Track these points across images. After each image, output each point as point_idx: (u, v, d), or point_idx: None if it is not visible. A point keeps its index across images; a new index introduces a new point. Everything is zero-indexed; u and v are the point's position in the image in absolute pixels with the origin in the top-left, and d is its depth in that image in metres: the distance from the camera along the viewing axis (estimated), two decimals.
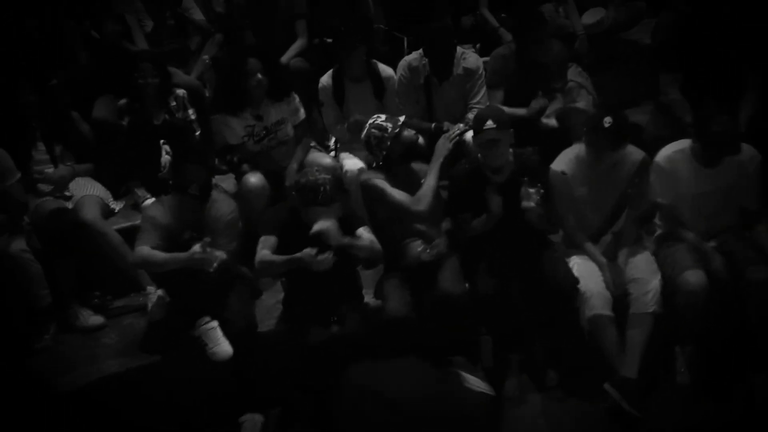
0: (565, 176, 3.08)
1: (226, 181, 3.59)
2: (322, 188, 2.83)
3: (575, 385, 3.07)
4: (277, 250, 2.92)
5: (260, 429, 2.91)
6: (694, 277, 2.89)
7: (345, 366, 2.91)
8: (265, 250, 2.92)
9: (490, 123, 2.96)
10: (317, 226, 2.80)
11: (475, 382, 0.83)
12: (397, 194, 3.09)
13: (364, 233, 2.98)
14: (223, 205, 3.11)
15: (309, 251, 2.79)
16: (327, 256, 2.80)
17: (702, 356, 3.01)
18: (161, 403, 2.89)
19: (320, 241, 2.81)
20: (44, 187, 3.36)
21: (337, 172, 3.49)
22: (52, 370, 2.89)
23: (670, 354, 3.05)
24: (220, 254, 2.89)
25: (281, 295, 3.16)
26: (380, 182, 3.11)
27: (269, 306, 3.23)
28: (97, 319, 3.24)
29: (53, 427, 2.67)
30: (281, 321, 3.08)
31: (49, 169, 3.43)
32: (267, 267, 2.91)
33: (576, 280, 2.98)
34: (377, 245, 2.99)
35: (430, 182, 3.08)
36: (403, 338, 2.97)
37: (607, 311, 2.93)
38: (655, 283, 2.95)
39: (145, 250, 2.89)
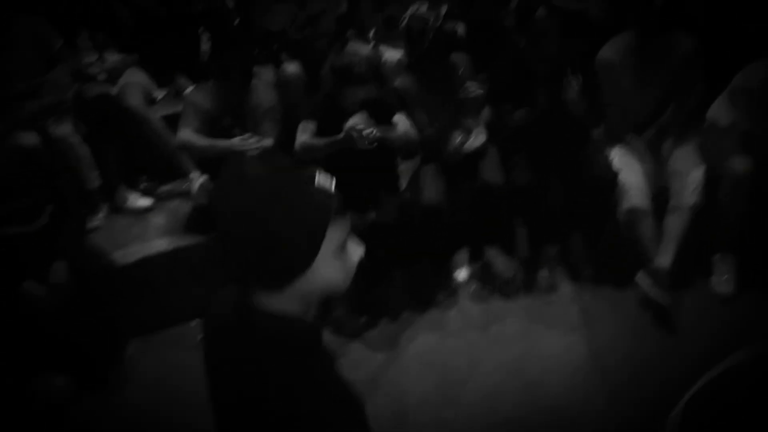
0: (613, 65, 2.98)
1: (266, 71, 3.58)
2: (356, 67, 2.82)
3: (609, 277, 3.12)
4: (316, 137, 2.95)
5: None
6: (740, 163, 2.80)
7: (382, 252, 3.00)
8: (305, 134, 2.95)
9: (540, 12, 2.87)
10: (351, 122, 2.80)
11: (322, 180, 0.91)
12: (416, 118, 3.05)
13: (401, 120, 2.97)
14: (263, 93, 3.13)
15: (354, 124, 2.76)
16: (371, 131, 2.78)
17: (743, 264, 2.96)
18: (205, 279, 3.03)
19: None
20: (99, 76, 3.43)
21: (375, 61, 3.46)
22: (106, 246, 3.03)
23: (709, 259, 3.02)
24: (266, 142, 2.93)
25: None
26: (406, 96, 3.08)
27: None
28: (145, 202, 3.37)
29: (105, 298, 2.84)
30: None
31: (93, 58, 3.49)
32: (308, 150, 2.93)
33: (615, 173, 2.95)
34: (412, 133, 2.98)
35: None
36: (437, 227, 3.02)
37: (644, 204, 2.91)
38: (697, 175, 2.89)
39: (187, 133, 2.95)
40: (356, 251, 1.17)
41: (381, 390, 2.72)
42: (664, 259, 2.83)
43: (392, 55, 3.58)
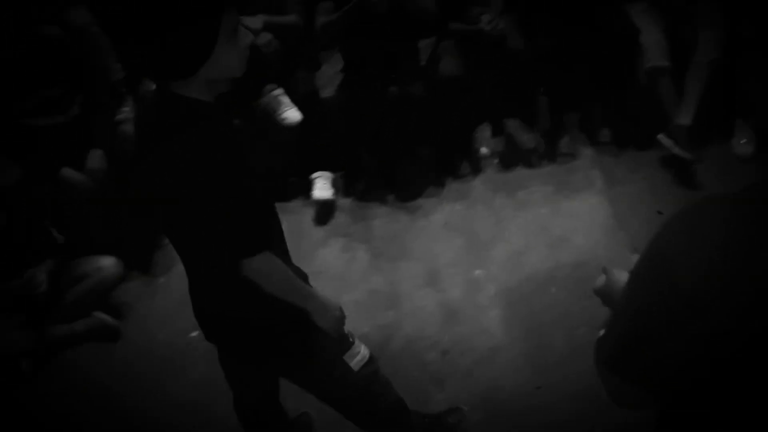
0: None
1: None
2: None
3: (630, 140, 3.16)
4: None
5: (330, 185, 3.14)
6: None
7: (406, 124, 3.06)
8: (323, 14, 2.95)
9: None
10: None
11: None
12: None
13: None
14: None
15: None
16: None
17: (764, 127, 2.97)
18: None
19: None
20: None
21: None
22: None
23: (732, 123, 3.04)
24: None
25: (340, 65, 3.23)
26: None
27: (330, 75, 3.31)
28: None
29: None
30: (341, 87, 3.18)
31: None
32: (329, 27, 2.92)
33: (637, 30, 2.93)
34: (428, 2, 2.94)
35: None
36: (458, 100, 3.05)
37: (664, 62, 2.91)
38: (718, 30, 2.86)
39: None
40: (246, 36, 1.34)
41: (412, 255, 2.84)
42: (685, 116, 2.85)
43: None
